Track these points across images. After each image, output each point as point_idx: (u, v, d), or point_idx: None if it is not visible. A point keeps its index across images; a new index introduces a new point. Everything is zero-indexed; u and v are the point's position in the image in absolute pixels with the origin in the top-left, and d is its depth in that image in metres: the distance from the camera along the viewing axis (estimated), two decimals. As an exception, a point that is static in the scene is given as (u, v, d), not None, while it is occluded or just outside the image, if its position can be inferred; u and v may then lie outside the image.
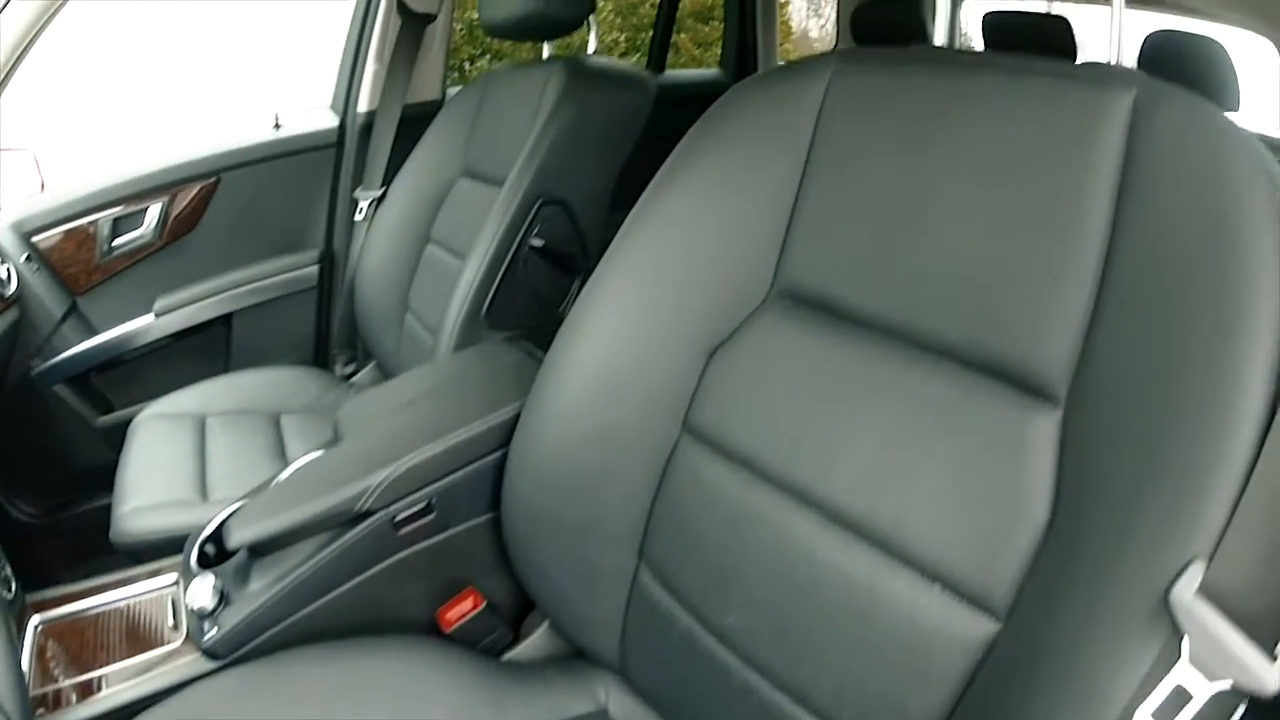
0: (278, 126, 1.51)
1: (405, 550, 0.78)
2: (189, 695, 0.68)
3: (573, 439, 0.72)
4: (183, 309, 1.38)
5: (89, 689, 0.73)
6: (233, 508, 0.84)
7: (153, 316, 1.38)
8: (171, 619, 0.82)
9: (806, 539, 0.60)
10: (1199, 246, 0.47)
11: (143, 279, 1.41)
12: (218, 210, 1.45)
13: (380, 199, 1.44)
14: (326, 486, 0.77)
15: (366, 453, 0.80)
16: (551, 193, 1.18)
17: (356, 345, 1.49)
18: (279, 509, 0.77)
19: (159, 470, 1.08)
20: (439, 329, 1.14)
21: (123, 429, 1.23)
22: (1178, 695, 0.42)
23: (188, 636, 0.77)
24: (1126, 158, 0.52)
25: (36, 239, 1.34)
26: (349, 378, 1.46)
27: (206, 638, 0.74)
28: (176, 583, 0.85)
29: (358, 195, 1.47)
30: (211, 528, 0.85)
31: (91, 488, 1.34)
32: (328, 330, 1.51)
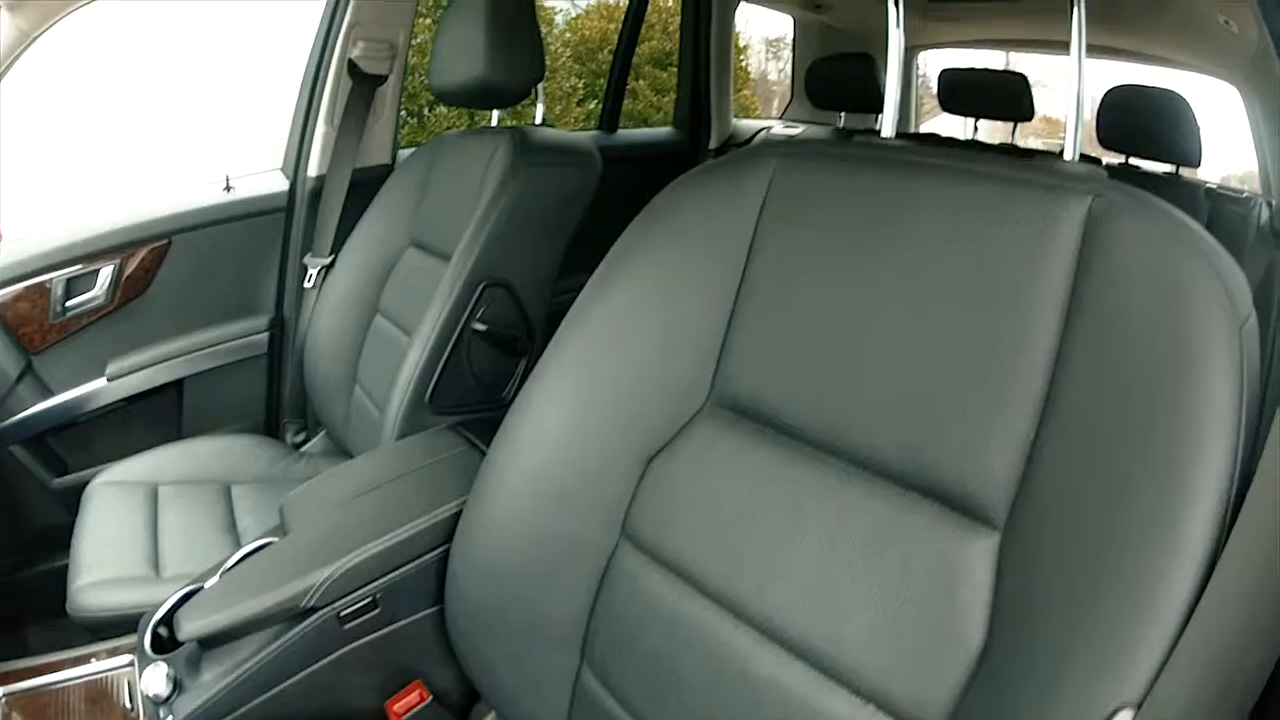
0: (228, 188, 1.53)
1: (352, 644, 0.81)
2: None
3: (513, 542, 0.73)
4: (135, 374, 1.41)
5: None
6: (183, 591, 0.88)
7: (105, 380, 1.40)
8: (128, 700, 0.87)
9: (742, 653, 0.60)
10: (1152, 375, 0.46)
11: (96, 340, 1.43)
12: (169, 273, 1.46)
13: (329, 266, 1.46)
14: (272, 582, 0.80)
15: (311, 549, 0.84)
16: (495, 275, 1.20)
17: (307, 414, 1.52)
18: (227, 603, 0.81)
19: (113, 543, 1.12)
20: (385, 407, 1.18)
21: (78, 491, 1.26)
22: None
23: (144, 721, 0.81)
24: (1078, 275, 0.51)
25: (-10, 298, 1.34)
26: (299, 446, 1.49)
27: None
28: (132, 664, 0.90)
29: (307, 262, 1.50)
30: (163, 611, 0.89)
31: (49, 548, 1.36)
32: (278, 397, 1.53)
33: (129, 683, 0.89)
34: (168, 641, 0.87)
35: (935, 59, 3.00)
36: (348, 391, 1.37)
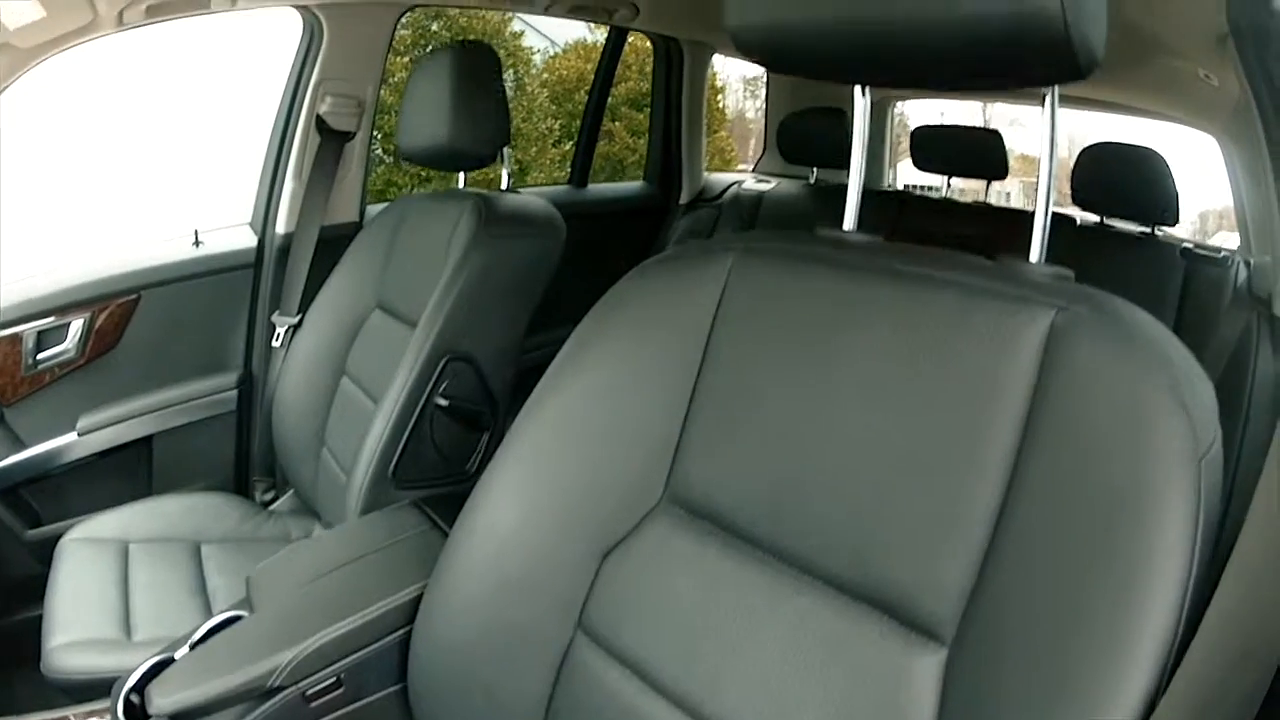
0: (198, 243, 1.56)
1: None
2: None
3: (472, 628, 0.74)
4: (105, 429, 1.43)
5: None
6: (154, 660, 0.93)
7: (76, 435, 1.43)
8: (104, 767, 0.92)
9: None
10: (1108, 503, 0.46)
11: (68, 393, 1.45)
12: (138, 328, 1.49)
13: (297, 326, 1.50)
14: (240, 660, 0.83)
15: (277, 628, 0.87)
16: (458, 349, 1.22)
17: (276, 472, 1.54)
18: (196, 680, 0.83)
19: (85, 603, 1.15)
20: (350, 475, 1.21)
21: (52, 542, 1.29)
22: None
23: (118, 791, 0.83)
24: (1036, 393, 0.51)
25: (-39, 349, 1.35)
26: (268, 504, 1.52)
27: None
28: (106, 731, 0.95)
29: (275, 320, 1.53)
30: (134, 680, 0.93)
31: (23, 599, 1.38)
32: (247, 455, 1.56)
33: (104, 750, 0.94)
34: (139, 710, 0.93)
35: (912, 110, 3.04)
36: (315, 453, 1.40)
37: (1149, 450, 0.46)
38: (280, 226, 1.58)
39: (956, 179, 2.52)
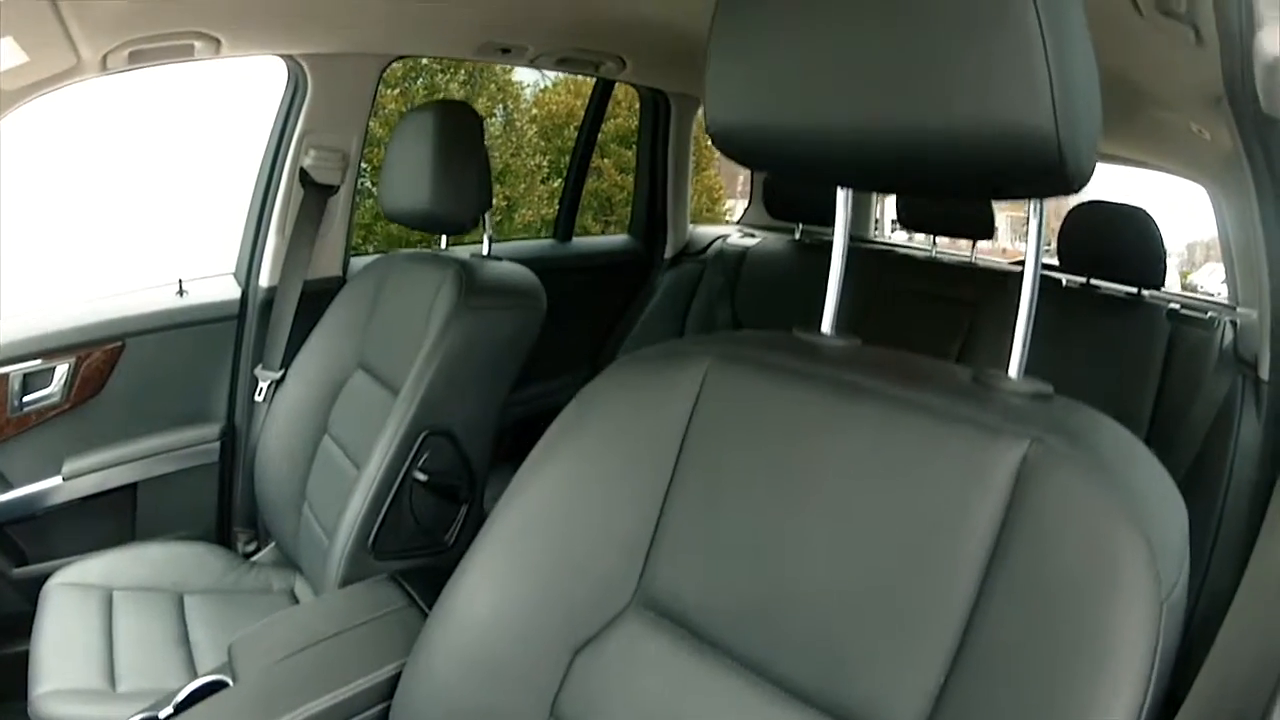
0: (182, 293, 1.59)
1: None
2: None
3: (448, 710, 0.76)
4: (89, 475, 1.47)
5: None
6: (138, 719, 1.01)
7: (61, 479, 1.47)
8: (90, 820, 1.00)
9: None
10: (1068, 641, 0.47)
11: (53, 436, 1.49)
12: (123, 375, 1.52)
13: (279, 381, 1.54)
14: None
15: (257, 701, 0.92)
16: (438, 424, 1.25)
17: (258, 524, 1.59)
18: None
19: (70, 651, 1.20)
20: (331, 541, 1.25)
21: (38, 582, 1.33)
22: None
23: None
24: (1004, 526, 0.51)
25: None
26: (250, 555, 1.57)
27: None
28: (92, 784, 1.03)
29: (258, 374, 1.56)
30: None
31: (8, 635, 1.41)
32: (230, 506, 1.59)
33: (91, 803, 1.02)
34: (123, 766, 0.99)
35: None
36: (297, 508, 1.44)
37: (1113, 595, 0.47)
38: (264, 279, 1.62)
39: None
